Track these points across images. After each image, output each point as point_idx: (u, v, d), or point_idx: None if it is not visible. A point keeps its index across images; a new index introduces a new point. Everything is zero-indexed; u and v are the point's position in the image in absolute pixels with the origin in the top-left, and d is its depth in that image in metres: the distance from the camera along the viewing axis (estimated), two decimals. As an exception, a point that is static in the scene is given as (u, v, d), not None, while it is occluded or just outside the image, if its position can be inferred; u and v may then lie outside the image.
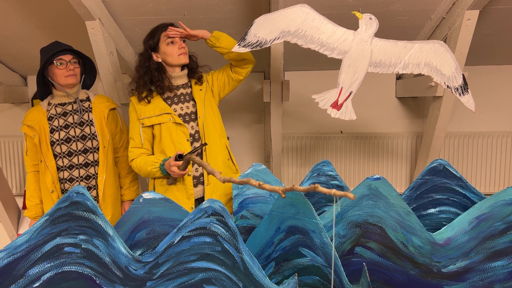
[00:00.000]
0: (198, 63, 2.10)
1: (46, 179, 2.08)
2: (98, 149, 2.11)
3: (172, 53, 1.96)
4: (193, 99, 2.02)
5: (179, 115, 1.98)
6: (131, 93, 2.04)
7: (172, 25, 1.98)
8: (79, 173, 2.09)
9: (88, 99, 2.17)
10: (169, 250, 1.31)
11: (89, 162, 2.10)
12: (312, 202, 1.82)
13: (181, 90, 2.02)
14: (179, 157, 1.80)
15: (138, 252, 1.45)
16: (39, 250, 1.26)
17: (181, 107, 2.00)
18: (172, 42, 1.96)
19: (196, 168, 1.98)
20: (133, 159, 1.98)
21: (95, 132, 2.11)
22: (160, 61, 1.98)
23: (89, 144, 2.10)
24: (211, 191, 1.98)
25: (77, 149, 2.08)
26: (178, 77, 2.02)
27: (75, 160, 2.08)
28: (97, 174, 2.11)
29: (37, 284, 1.26)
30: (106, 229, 1.29)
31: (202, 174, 1.99)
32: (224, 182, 1.35)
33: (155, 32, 1.98)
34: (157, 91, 1.98)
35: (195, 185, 1.98)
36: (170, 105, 1.99)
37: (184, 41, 2.01)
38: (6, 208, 2.83)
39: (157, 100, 1.99)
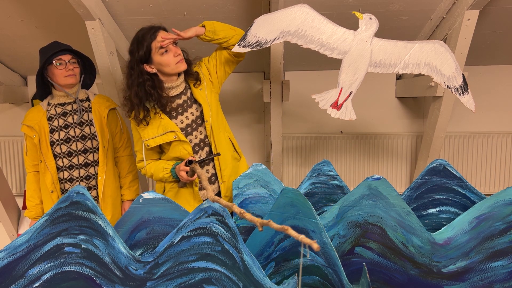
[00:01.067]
0: (190, 60, 1.94)
1: (46, 179, 2.08)
2: (98, 149, 2.11)
3: (169, 62, 1.79)
4: (196, 102, 1.92)
5: (186, 125, 1.89)
6: (127, 115, 1.86)
7: (160, 28, 1.82)
8: (79, 173, 2.09)
9: (88, 99, 2.17)
10: (169, 250, 1.31)
11: (89, 162, 2.10)
12: (312, 202, 1.82)
13: (183, 97, 1.91)
14: (189, 162, 1.79)
15: (138, 252, 1.45)
16: (39, 250, 1.26)
17: (187, 116, 1.90)
18: (166, 51, 1.79)
19: (207, 170, 1.96)
20: (141, 169, 1.96)
21: (94, 132, 2.10)
22: (155, 71, 1.82)
23: (89, 144, 2.10)
24: (225, 188, 1.97)
25: (77, 149, 2.08)
26: (177, 86, 1.88)
27: (75, 160, 2.08)
28: (97, 174, 2.11)
29: (37, 284, 1.26)
30: (106, 229, 1.29)
31: (213, 174, 1.97)
32: (213, 201, 1.33)
33: (143, 41, 1.78)
34: (157, 108, 1.86)
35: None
36: (176, 117, 1.88)
37: (176, 44, 1.84)
38: (6, 208, 2.83)
39: (158, 117, 1.85)
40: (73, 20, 2.41)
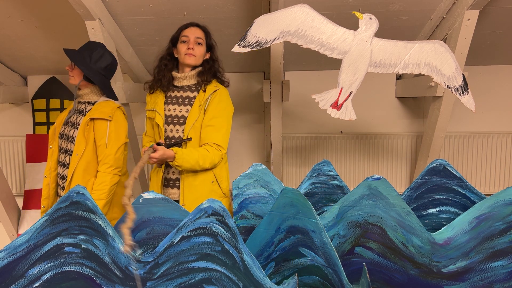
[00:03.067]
0: (217, 71, 2.05)
1: (47, 164, 2.15)
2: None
3: (181, 51, 1.98)
4: (191, 105, 1.99)
5: (171, 115, 1.99)
6: (145, 85, 2.12)
7: (194, 25, 2.02)
8: (61, 170, 2.10)
9: (95, 103, 2.12)
10: (169, 250, 1.31)
11: (65, 163, 2.08)
12: (312, 202, 1.82)
13: (181, 93, 2.02)
14: (158, 145, 1.89)
15: (138, 252, 1.45)
16: (39, 250, 1.26)
17: (174, 109, 2.00)
18: (184, 41, 1.98)
19: (173, 171, 2.00)
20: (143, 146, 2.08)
21: (75, 137, 2.05)
22: (177, 57, 2.03)
23: (69, 146, 2.08)
24: (184, 197, 1.96)
25: (64, 147, 2.09)
26: (183, 78, 2.02)
27: (61, 157, 2.11)
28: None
29: (37, 284, 1.26)
30: (106, 229, 1.29)
31: (178, 179, 1.99)
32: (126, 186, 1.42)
33: (179, 27, 2.03)
34: (162, 86, 2.04)
35: (171, 187, 2.01)
36: (168, 104, 2.01)
37: (199, 44, 1.99)
38: (6, 208, 2.82)
39: (159, 95, 2.04)
40: (73, 20, 2.41)
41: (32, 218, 3.00)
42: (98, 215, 1.28)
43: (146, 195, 1.41)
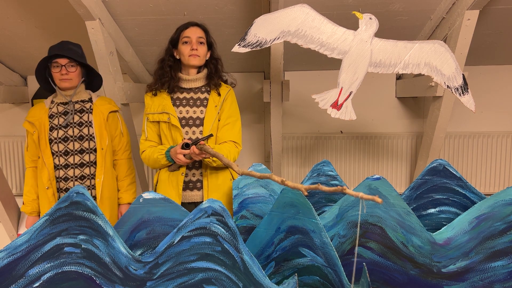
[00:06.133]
0: (220, 71, 2.04)
1: (42, 176, 2.09)
2: (95, 150, 2.10)
3: (184, 52, 1.95)
4: (204, 106, 1.98)
5: (183, 117, 1.96)
6: (147, 88, 2.07)
7: (194, 24, 1.98)
8: (74, 173, 2.09)
9: (90, 100, 2.16)
10: (169, 250, 1.31)
11: (84, 162, 2.09)
12: (312, 202, 1.82)
13: (192, 94, 2.00)
14: (186, 146, 1.83)
15: (138, 252, 1.45)
16: (39, 250, 1.26)
17: (187, 110, 1.97)
18: (186, 42, 1.95)
19: (193, 173, 1.98)
20: (143, 151, 2.02)
21: (93, 134, 2.09)
22: (179, 58, 2.00)
23: (86, 145, 2.09)
24: (209, 196, 1.96)
25: (73, 149, 2.08)
26: (192, 80, 1.99)
27: (71, 159, 2.08)
28: (92, 175, 2.10)
29: (37, 284, 1.26)
30: (106, 229, 1.29)
31: (199, 180, 1.98)
32: (241, 175, 1.39)
33: (178, 28, 2.00)
34: (167, 88, 1.99)
35: (191, 189, 1.99)
36: (177, 106, 1.98)
37: (202, 43, 1.97)
38: (6, 208, 2.82)
39: (164, 97, 1.98)
40: (73, 20, 2.41)
41: (32, 218, 3.00)
42: (98, 215, 1.28)
43: (146, 195, 1.41)
